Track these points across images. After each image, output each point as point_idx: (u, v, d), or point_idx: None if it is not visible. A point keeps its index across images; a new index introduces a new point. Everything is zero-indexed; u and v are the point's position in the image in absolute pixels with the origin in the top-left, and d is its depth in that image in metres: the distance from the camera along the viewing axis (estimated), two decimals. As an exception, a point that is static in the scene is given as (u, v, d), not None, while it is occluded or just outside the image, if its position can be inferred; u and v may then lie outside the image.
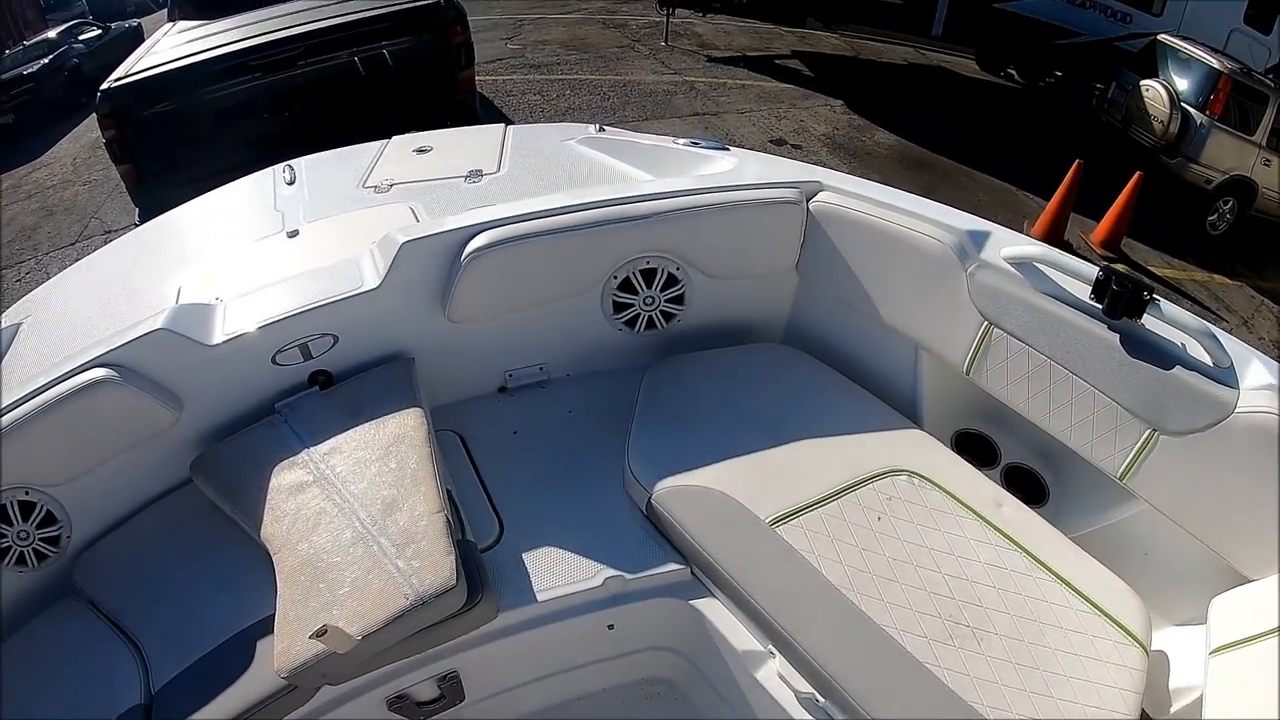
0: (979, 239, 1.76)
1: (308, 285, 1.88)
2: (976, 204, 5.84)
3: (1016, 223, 5.48)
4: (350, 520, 1.51)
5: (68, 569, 1.78)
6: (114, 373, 1.63)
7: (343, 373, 1.90)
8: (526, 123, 6.82)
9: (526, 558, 1.64)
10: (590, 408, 2.04)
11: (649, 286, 2.02)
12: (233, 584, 1.63)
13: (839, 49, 8.01)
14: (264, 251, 2.24)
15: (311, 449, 1.69)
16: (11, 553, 1.71)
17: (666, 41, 8.05)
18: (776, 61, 7.74)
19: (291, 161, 2.93)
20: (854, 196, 1.92)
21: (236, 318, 1.80)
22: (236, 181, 2.92)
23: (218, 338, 1.74)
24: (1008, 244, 1.71)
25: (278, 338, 1.78)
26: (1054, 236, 5.18)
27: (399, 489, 1.55)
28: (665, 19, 8.10)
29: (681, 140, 2.49)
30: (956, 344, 1.78)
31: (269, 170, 2.90)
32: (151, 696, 1.51)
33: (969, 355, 1.76)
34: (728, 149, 2.34)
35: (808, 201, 1.97)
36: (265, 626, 1.46)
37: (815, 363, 2.01)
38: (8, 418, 1.59)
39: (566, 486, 1.82)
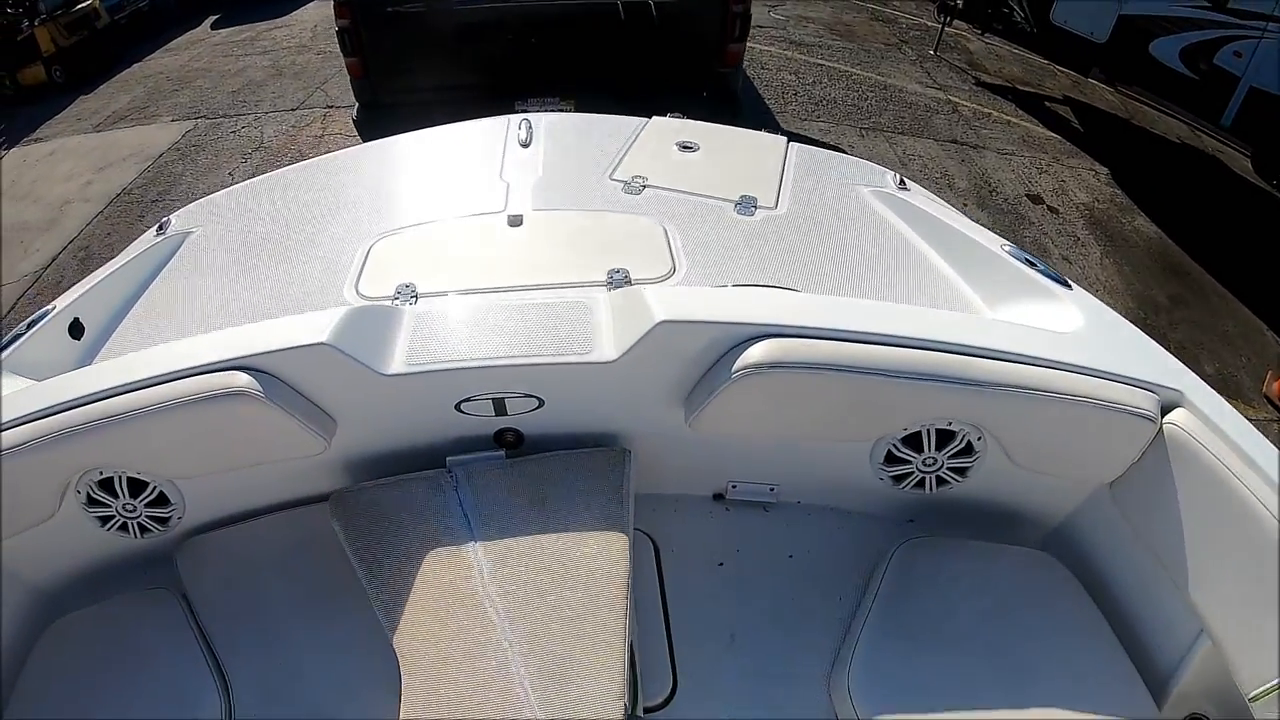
0: None
1: (522, 318, 1.52)
2: (1223, 334, 5.53)
3: (1259, 368, 5.19)
4: (510, 682, 1.23)
5: (171, 549, 1.63)
6: (257, 386, 1.35)
7: (537, 439, 1.60)
8: (775, 103, 6.71)
9: None
10: (815, 556, 1.72)
11: (939, 449, 1.62)
12: (347, 655, 1.43)
13: (1112, 106, 7.50)
14: (476, 236, 1.92)
15: (480, 544, 1.40)
16: (114, 521, 1.56)
17: (936, 51, 7.70)
18: (1046, 104, 7.32)
19: (530, 115, 2.56)
20: (1218, 435, 1.46)
21: (423, 340, 1.48)
22: (467, 124, 2.58)
23: (395, 366, 1.43)
24: None
25: (471, 385, 1.47)
26: (1293, 400, 4.89)
27: (577, 648, 1.26)
28: (940, 28, 7.72)
29: (1006, 246, 2.00)
30: (1255, 670, 1.37)
31: (503, 121, 2.52)
32: None
33: (1263, 689, 1.34)
34: (1069, 286, 1.90)
35: (1162, 416, 1.54)
36: None
37: (1083, 597, 1.67)
38: (130, 399, 1.37)
39: (763, 659, 1.52)
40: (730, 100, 5.13)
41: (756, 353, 1.39)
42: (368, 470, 1.59)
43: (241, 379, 1.34)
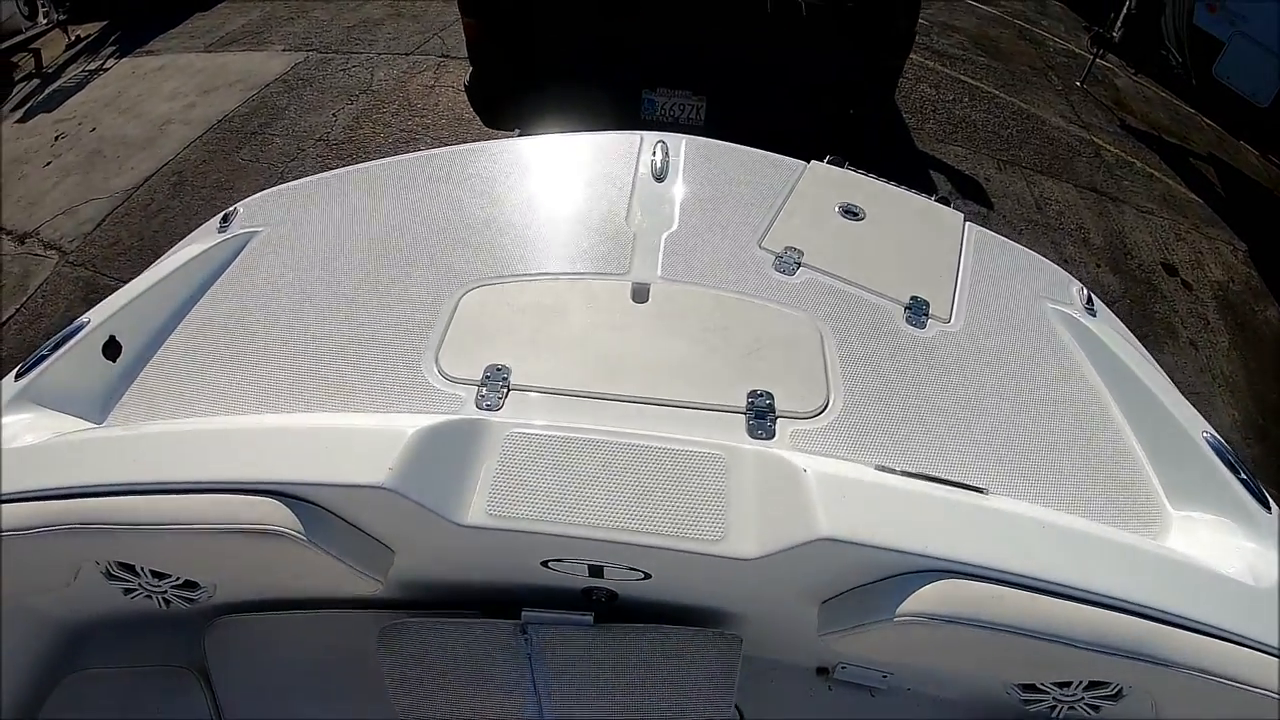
0: None
1: (640, 468, 1.25)
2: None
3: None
4: None
5: (200, 621, 1.50)
6: (297, 526, 1.13)
7: (632, 605, 1.39)
8: (912, 118, 6.35)
9: None
10: None
11: (1086, 691, 1.42)
12: None
13: (1255, 172, 7.07)
14: (589, 308, 1.64)
15: None
16: (137, 594, 1.44)
17: (1083, 83, 7.23)
18: (1191, 159, 6.91)
19: (667, 137, 2.18)
20: None
21: (510, 482, 1.21)
22: (590, 138, 2.28)
23: (472, 515, 1.17)
24: None
25: (564, 549, 1.24)
26: None
27: None
28: (1092, 59, 7.24)
29: (1207, 434, 1.70)
30: None
31: (634, 140, 2.17)
32: None
33: None
34: (1270, 508, 1.60)
35: None
36: None
37: None
38: (148, 506, 1.19)
39: None
40: (873, 115, 4.78)
41: (929, 599, 1.15)
42: (426, 591, 1.41)
43: (279, 514, 1.12)
